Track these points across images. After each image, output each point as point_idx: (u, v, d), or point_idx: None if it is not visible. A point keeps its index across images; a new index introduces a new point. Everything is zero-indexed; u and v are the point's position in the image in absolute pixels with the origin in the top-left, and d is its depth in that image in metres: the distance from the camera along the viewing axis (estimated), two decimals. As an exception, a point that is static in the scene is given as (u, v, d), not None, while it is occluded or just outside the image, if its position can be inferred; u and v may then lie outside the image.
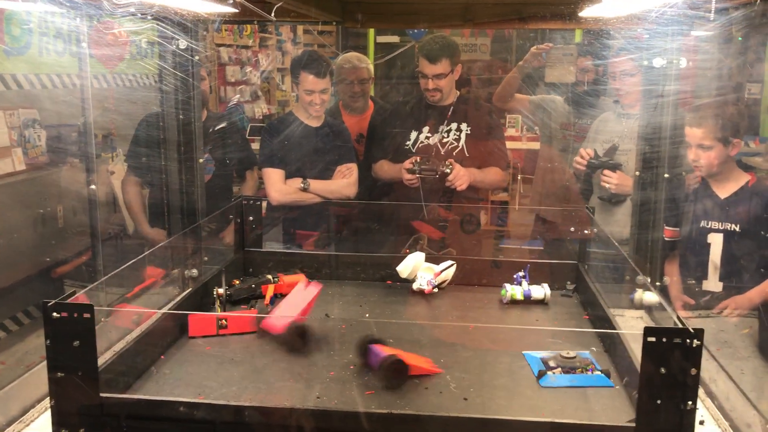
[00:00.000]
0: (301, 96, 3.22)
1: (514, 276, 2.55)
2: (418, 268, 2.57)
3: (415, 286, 2.55)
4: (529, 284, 2.50)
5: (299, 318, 2.11)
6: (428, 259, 2.64)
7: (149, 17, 2.14)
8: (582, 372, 1.91)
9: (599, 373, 1.90)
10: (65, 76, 4.04)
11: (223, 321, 2.12)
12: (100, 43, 3.25)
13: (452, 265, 2.60)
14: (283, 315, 2.13)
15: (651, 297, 2.44)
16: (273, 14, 2.19)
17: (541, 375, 1.90)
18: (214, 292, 2.35)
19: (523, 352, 2.03)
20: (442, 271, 2.57)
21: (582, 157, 3.22)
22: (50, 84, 4.01)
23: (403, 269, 2.56)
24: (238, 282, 2.50)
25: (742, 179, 2.69)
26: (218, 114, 3.90)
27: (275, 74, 7.00)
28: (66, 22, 2.56)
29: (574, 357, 1.97)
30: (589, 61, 3.68)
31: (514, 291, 2.48)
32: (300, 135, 3.24)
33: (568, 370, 1.92)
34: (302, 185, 3.20)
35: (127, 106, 4.24)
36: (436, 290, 2.56)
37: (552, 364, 1.94)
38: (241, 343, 2.09)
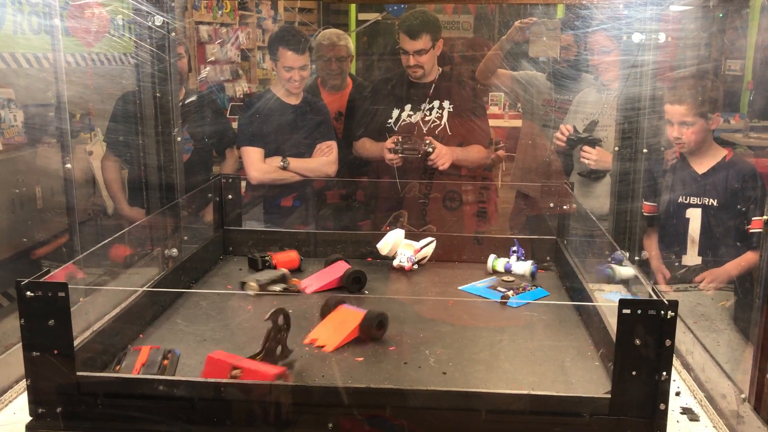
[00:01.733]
0: (280, 73, 3.19)
1: (511, 249, 2.57)
2: (398, 245, 2.58)
3: (395, 263, 2.55)
4: (518, 259, 2.53)
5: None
6: (408, 236, 2.64)
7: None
8: (524, 291, 2.32)
9: (534, 288, 2.33)
10: (41, 54, 3.98)
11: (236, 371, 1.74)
12: (77, 20, 3.19)
13: (432, 241, 2.60)
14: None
15: (627, 271, 2.47)
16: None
17: (506, 299, 2.23)
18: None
19: (459, 287, 2.40)
20: (422, 248, 2.58)
21: (562, 133, 3.23)
22: (26, 63, 3.94)
23: (383, 246, 2.56)
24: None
25: (719, 154, 2.71)
26: (197, 92, 3.86)
27: (255, 52, 6.92)
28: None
29: (513, 280, 2.39)
30: (571, 36, 3.67)
31: (496, 262, 2.51)
32: (278, 113, 3.22)
33: (517, 291, 2.30)
34: (282, 164, 3.18)
35: (105, 85, 4.19)
36: (416, 267, 2.56)
37: (501, 289, 2.32)
38: (221, 322, 2.08)
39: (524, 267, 2.50)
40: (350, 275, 2.32)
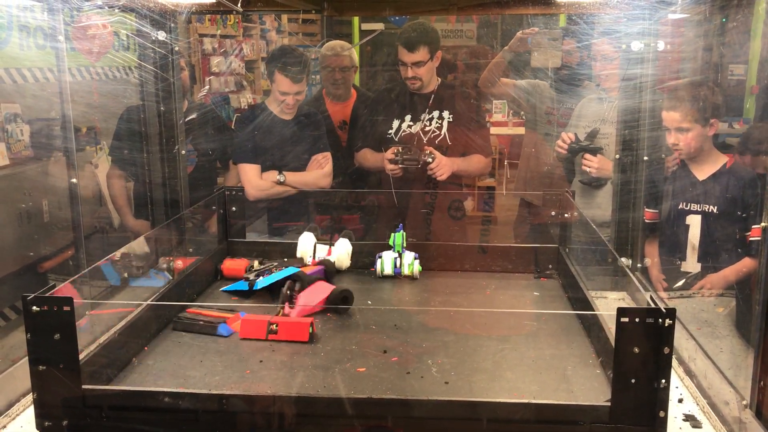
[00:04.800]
0: (275, 94, 3.21)
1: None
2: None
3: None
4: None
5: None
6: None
7: (116, 10, 2.13)
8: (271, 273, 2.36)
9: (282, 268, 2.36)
10: (47, 69, 4.02)
11: (274, 326, 2.04)
12: (82, 36, 3.23)
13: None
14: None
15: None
16: (239, 4, 2.17)
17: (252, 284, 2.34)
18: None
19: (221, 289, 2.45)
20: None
21: (564, 141, 3.25)
22: (32, 78, 3.98)
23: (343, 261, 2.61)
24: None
25: (720, 161, 2.72)
26: (199, 104, 3.89)
27: (259, 63, 6.96)
28: (45, 15, 2.55)
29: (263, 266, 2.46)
30: (571, 46, 3.69)
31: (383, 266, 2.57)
32: (273, 127, 3.24)
33: (265, 273, 2.38)
34: (278, 178, 3.20)
35: (109, 99, 4.22)
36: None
37: (252, 277, 2.40)
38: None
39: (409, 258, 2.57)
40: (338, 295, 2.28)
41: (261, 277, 2.36)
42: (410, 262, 2.57)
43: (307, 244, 2.62)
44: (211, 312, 2.15)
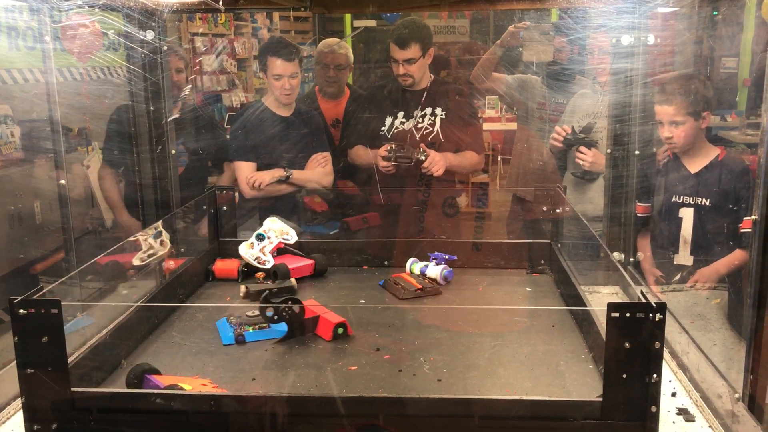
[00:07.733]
0: (271, 83, 3.20)
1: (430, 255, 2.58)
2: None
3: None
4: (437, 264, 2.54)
5: None
6: None
7: (97, 9, 2.12)
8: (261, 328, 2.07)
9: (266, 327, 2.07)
10: (37, 69, 4.00)
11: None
12: (71, 36, 3.21)
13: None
14: None
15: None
16: (222, 2, 2.16)
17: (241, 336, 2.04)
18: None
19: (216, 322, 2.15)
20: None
21: (558, 134, 3.24)
22: (22, 79, 3.96)
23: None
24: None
25: (712, 153, 2.71)
26: (191, 105, 3.86)
27: (251, 61, 6.95)
28: (26, 16, 2.53)
29: (256, 315, 2.11)
30: (562, 42, 3.68)
31: (414, 266, 2.55)
32: (270, 125, 3.22)
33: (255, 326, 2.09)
34: (285, 174, 3.18)
35: (100, 99, 4.20)
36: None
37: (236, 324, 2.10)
38: (216, 334, 2.09)
39: (436, 271, 2.50)
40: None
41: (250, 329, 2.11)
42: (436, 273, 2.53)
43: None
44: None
